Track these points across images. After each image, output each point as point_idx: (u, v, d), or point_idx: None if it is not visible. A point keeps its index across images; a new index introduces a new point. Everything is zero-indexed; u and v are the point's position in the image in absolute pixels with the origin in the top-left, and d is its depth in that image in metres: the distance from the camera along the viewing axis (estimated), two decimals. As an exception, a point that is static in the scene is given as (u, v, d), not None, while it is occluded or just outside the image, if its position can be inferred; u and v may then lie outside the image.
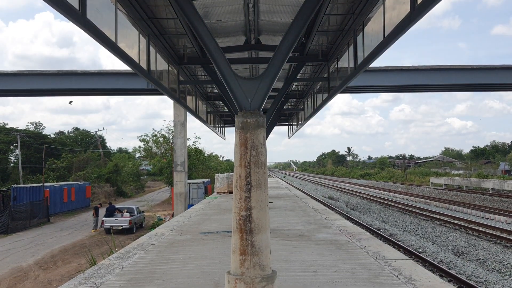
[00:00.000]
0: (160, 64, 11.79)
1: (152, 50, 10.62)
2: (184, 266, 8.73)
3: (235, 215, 5.88)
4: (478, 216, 27.86)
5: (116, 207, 30.57)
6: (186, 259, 9.41)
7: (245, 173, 5.91)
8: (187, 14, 6.36)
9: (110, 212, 29.14)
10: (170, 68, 12.81)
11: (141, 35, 9.43)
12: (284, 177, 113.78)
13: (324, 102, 15.38)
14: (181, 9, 6.39)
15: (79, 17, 6.00)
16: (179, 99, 13.57)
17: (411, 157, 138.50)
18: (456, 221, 24.74)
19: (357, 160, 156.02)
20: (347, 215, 28.35)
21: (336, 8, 10.21)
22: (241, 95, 6.15)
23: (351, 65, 10.67)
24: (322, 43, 12.74)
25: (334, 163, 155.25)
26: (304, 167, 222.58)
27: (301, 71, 15.89)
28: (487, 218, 26.59)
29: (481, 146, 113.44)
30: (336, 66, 13.11)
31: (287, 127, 37.60)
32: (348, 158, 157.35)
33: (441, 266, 14.07)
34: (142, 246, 11.01)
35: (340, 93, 30.51)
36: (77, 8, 6.01)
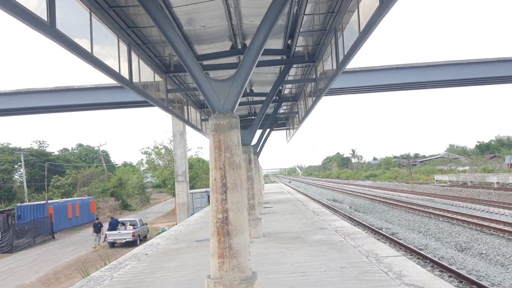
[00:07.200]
0: (146, 73, 11.77)
1: (135, 59, 10.62)
2: (174, 274, 8.68)
3: (212, 218, 5.83)
4: (483, 210, 27.62)
5: (119, 220, 30.57)
6: (177, 267, 9.36)
7: (220, 176, 5.86)
8: (157, 20, 6.37)
9: (113, 226, 29.14)
10: (157, 77, 12.81)
11: (120, 44, 9.43)
12: (289, 182, 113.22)
13: (314, 104, 15.34)
14: (151, 16, 6.41)
15: (47, 29, 6.00)
16: (168, 107, 13.55)
17: (416, 155, 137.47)
18: (460, 217, 24.51)
19: (362, 161, 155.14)
20: (350, 216, 28.17)
21: (319, 8, 10.19)
22: (214, 97, 6.12)
23: (334, 65, 10.64)
24: (307, 44, 12.71)
25: (339, 166, 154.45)
26: (310, 171, 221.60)
27: (291, 74, 15.87)
28: (491, 212, 26.35)
29: (486, 141, 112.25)
30: (322, 67, 13.09)
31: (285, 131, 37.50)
32: (353, 160, 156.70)
33: (441, 262, 13.90)
34: (135, 256, 10.97)
35: (338, 94, 30.61)
36: (46, 19, 6.02)
